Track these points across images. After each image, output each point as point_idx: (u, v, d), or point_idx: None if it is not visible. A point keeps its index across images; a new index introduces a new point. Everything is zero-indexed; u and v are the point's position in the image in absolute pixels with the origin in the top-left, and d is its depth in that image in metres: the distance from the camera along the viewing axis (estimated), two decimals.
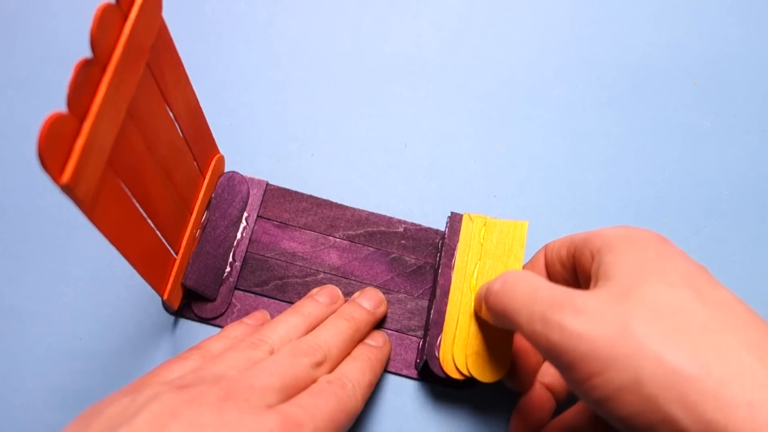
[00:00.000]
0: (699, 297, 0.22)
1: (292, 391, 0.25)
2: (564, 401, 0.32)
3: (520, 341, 0.32)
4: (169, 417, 0.22)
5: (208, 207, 0.35)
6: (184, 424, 0.22)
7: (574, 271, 0.29)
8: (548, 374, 0.32)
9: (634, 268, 0.24)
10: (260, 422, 0.23)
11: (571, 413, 0.31)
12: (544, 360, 0.32)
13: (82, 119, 0.21)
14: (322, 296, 0.33)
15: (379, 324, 0.35)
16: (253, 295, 0.35)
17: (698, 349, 0.21)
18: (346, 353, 0.30)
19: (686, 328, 0.21)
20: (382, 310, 0.34)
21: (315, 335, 0.29)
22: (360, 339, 0.32)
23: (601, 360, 0.22)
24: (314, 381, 0.27)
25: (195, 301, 0.34)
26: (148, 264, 0.29)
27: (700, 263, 0.24)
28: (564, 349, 0.23)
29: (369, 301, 0.34)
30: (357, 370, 0.29)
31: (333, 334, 0.30)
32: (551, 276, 0.31)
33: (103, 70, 0.22)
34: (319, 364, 0.27)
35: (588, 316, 0.23)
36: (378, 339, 0.33)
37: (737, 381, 0.20)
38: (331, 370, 0.28)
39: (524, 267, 0.32)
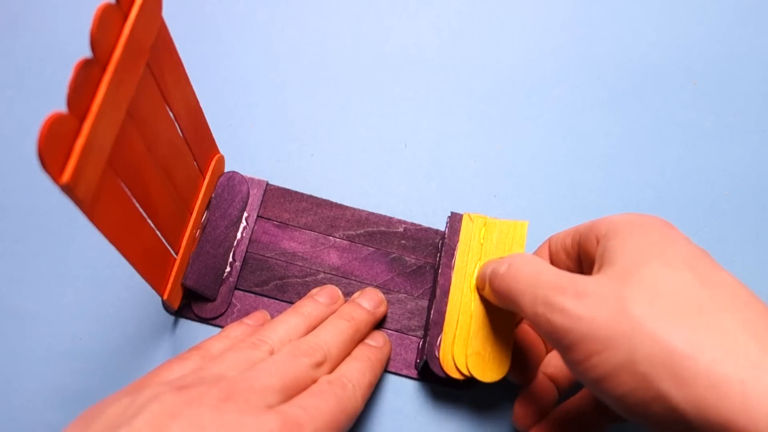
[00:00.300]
0: (699, 278, 0.23)
1: (293, 391, 0.25)
2: (567, 392, 0.32)
3: (522, 335, 0.32)
4: (169, 418, 0.22)
5: (208, 207, 0.35)
6: (184, 424, 0.22)
7: (578, 260, 0.29)
8: (551, 365, 0.32)
9: (636, 251, 0.24)
10: (260, 422, 0.23)
11: (573, 402, 0.31)
12: (547, 352, 0.33)
13: (82, 119, 0.21)
14: (322, 296, 0.33)
15: (379, 324, 0.35)
16: (253, 295, 0.35)
17: (694, 328, 0.21)
18: (346, 353, 0.30)
19: (683, 309, 0.22)
20: (382, 310, 0.34)
21: (315, 335, 0.29)
22: (360, 339, 0.32)
23: (599, 340, 0.22)
24: (314, 381, 0.27)
25: (195, 301, 0.34)
26: (148, 264, 0.29)
27: (702, 248, 0.25)
28: (564, 331, 0.23)
29: (369, 301, 0.34)
30: (357, 370, 0.29)
31: (333, 335, 0.30)
32: (555, 266, 0.31)
33: (103, 70, 0.22)
34: (319, 365, 0.27)
35: (589, 299, 0.23)
36: (378, 339, 0.33)
37: (731, 359, 0.20)
38: (331, 371, 0.28)
39: None
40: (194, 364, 0.27)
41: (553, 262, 0.31)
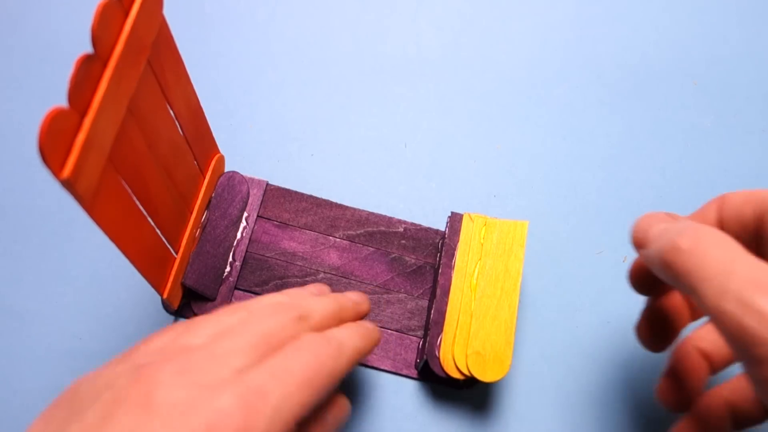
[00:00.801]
0: None
1: (264, 349, 0.23)
2: (721, 371, 0.29)
3: (668, 301, 0.29)
4: (114, 405, 0.20)
5: (208, 206, 0.35)
6: (128, 412, 0.20)
7: (756, 236, 0.24)
8: (706, 340, 0.28)
9: None
10: (213, 405, 0.20)
11: (731, 388, 0.28)
12: (692, 320, 0.29)
13: (82, 114, 0.21)
14: (310, 287, 0.31)
15: (380, 324, 0.35)
16: (253, 294, 0.35)
17: None
18: (330, 324, 0.27)
19: None
20: (364, 307, 0.31)
21: (298, 300, 0.27)
22: (344, 320, 0.29)
23: None
24: (293, 338, 0.24)
25: (195, 301, 0.34)
26: (148, 262, 0.29)
27: None
28: (759, 339, 0.19)
29: (353, 296, 0.31)
30: (345, 332, 0.26)
31: (317, 301, 0.27)
32: None
33: (104, 65, 0.22)
34: (300, 319, 0.25)
35: None
36: (366, 323, 0.31)
37: None
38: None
39: (690, 218, 0.27)
40: (172, 335, 0.24)
41: (722, 230, 0.25)
